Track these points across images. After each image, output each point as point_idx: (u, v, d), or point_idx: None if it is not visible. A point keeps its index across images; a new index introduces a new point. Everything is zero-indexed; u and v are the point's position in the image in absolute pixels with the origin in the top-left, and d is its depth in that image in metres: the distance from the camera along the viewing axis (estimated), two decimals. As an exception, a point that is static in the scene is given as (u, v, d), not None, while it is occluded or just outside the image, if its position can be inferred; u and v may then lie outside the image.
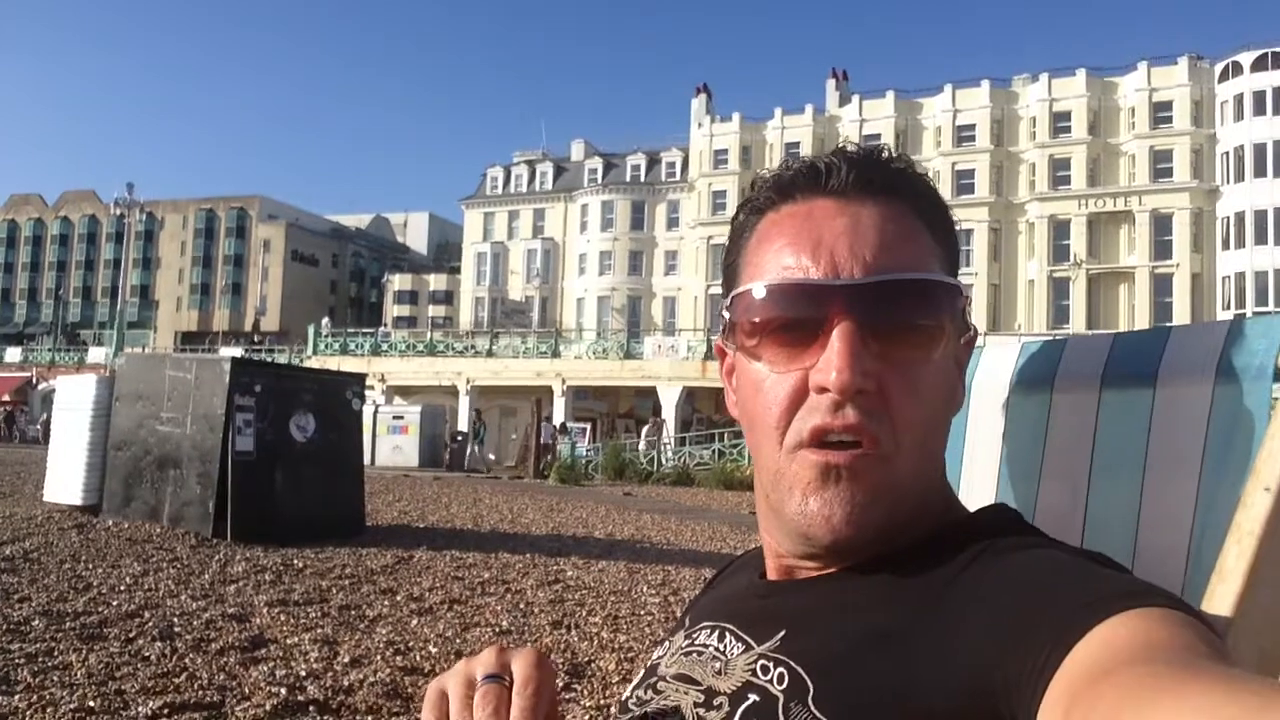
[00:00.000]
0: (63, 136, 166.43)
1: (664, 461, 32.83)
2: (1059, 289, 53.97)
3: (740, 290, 0.79)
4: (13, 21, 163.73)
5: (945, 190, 56.66)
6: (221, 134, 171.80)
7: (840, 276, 0.74)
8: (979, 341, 0.85)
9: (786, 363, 0.75)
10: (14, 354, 63.65)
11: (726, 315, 0.81)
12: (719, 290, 0.89)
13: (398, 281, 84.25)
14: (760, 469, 0.79)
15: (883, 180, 0.79)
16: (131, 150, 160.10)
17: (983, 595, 0.65)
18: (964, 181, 56.59)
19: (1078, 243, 53.41)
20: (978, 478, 1.10)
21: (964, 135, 57.47)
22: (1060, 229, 54.11)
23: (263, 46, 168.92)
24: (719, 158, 64.13)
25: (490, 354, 44.20)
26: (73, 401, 13.81)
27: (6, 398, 52.95)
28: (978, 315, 54.66)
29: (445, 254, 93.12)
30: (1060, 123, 54.99)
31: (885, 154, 0.82)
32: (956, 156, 56.85)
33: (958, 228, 0.81)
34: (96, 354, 56.26)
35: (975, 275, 55.03)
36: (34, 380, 53.70)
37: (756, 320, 0.77)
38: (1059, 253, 53.94)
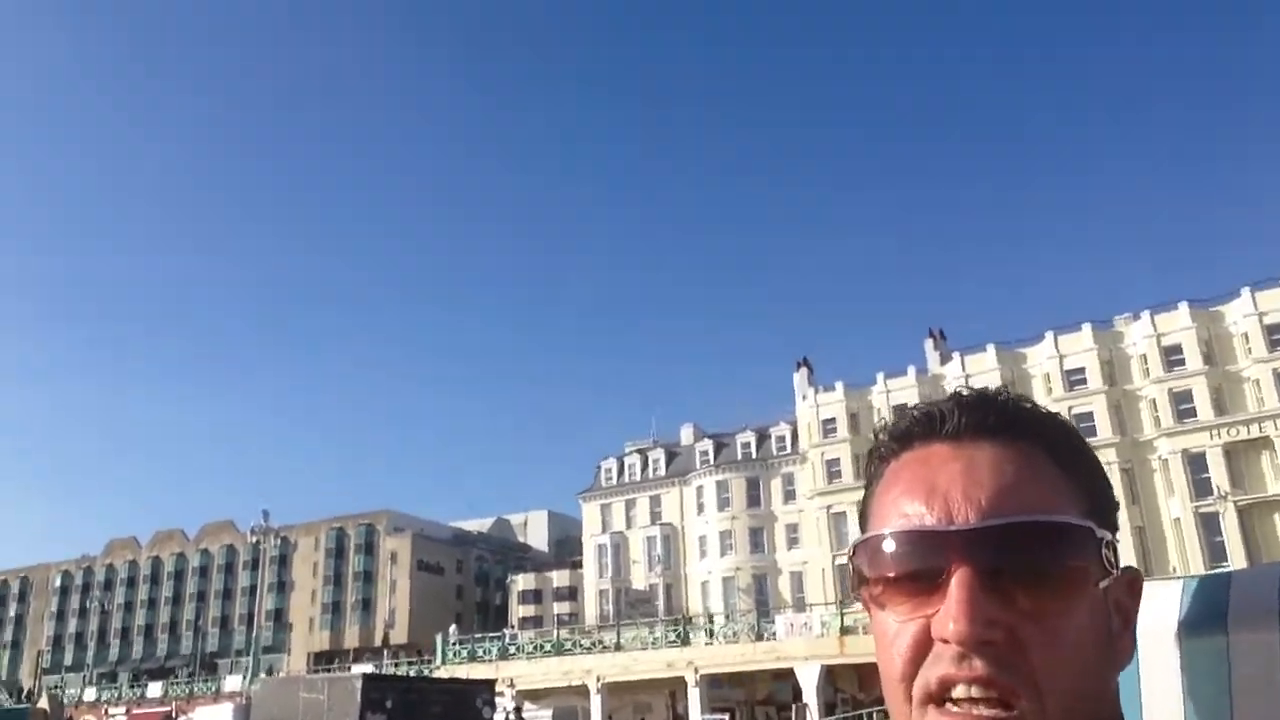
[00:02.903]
0: (202, 470, 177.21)
1: (811, 750, 30.74)
2: (1209, 525, 50.81)
3: (861, 539, 0.78)
4: (154, 365, 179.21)
5: (1065, 435, 55.16)
6: (347, 454, 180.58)
7: (955, 522, 0.71)
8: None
9: (910, 611, 0.72)
10: (155, 689, 64.65)
11: (852, 565, 0.80)
12: (846, 560, 0.91)
13: (521, 581, 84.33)
14: None
15: (999, 421, 0.77)
16: (266, 475, 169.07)
17: None
18: (1083, 425, 54.87)
19: (1217, 474, 50.78)
20: (1162, 740, 0.95)
21: (1074, 379, 56.72)
22: (1196, 462, 51.72)
23: (372, 379, 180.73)
24: (827, 427, 64.31)
25: (618, 647, 43.11)
26: (209, 733, 13.82)
27: (147, 734, 53.31)
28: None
29: (566, 549, 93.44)
30: (1172, 356, 53.94)
31: (1004, 395, 0.80)
32: (1070, 400, 55.77)
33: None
34: (232, 682, 56.74)
35: (1114, 519, 52.44)
36: (174, 714, 54.05)
37: (877, 569, 0.75)
38: (1200, 487, 51.26)
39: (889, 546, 0.74)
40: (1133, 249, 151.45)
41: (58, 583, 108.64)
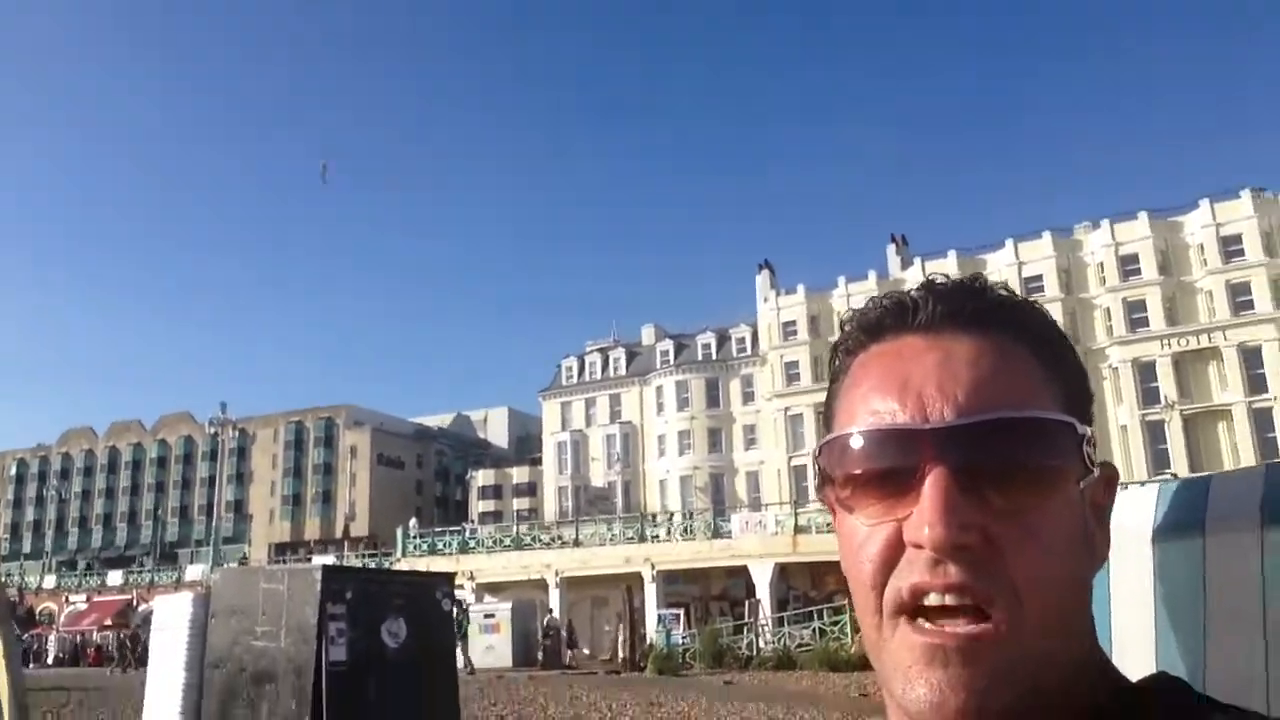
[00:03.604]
0: (160, 362, 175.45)
1: (763, 645, 31.70)
2: (1154, 433, 52.24)
3: (828, 438, 0.72)
4: (112, 267, 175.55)
5: (1021, 342, 56.08)
6: (307, 348, 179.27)
7: (930, 419, 0.66)
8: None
9: (881, 514, 0.67)
10: (115, 577, 65.05)
11: (817, 466, 0.74)
12: (802, 461, 0.84)
13: (481, 477, 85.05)
14: (865, 638, 0.70)
15: (976, 311, 0.72)
16: (223, 369, 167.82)
17: None
18: (1039, 332, 55.94)
19: (1166, 384, 52.02)
20: (1131, 641, 0.94)
21: (1032, 287, 57.12)
22: (1145, 371, 52.90)
23: (337, 272, 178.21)
24: (788, 329, 64.74)
25: (577, 543, 43.87)
26: (169, 621, 13.84)
27: (109, 621, 53.74)
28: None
29: (526, 446, 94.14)
30: (1129, 265, 54.65)
31: (981, 284, 0.75)
32: (1028, 308, 56.44)
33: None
34: (194, 571, 57.19)
35: (1064, 425, 53.75)
36: (134, 602, 54.50)
37: (845, 470, 0.70)
38: (1148, 395, 52.54)
39: (858, 446, 0.69)
40: (1097, 159, 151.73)
41: (13, 471, 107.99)
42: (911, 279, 60.78)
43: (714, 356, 69.11)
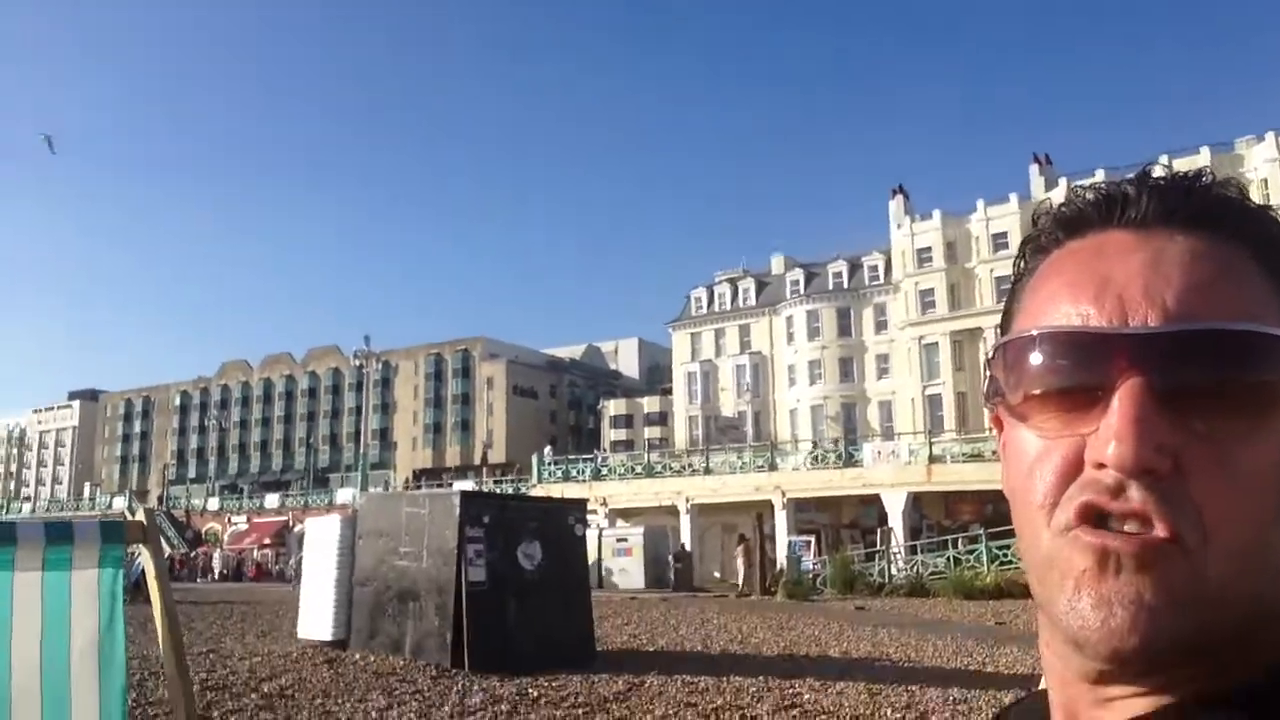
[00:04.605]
0: (308, 297, 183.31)
1: (895, 572, 31.49)
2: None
3: (1005, 339, 0.62)
4: (261, 210, 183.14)
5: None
6: (445, 281, 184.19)
7: (1130, 323, 0.57)
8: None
9: (1060, 428, 0.58)
10: (273, 500, 69.03)
11: (989, 371, 0.64)
12: (936, 391, 0.72)
13: (613, 407, 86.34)
14: (1027, 559, 0.61)
15: (1199, 209, 0.61)
16: (368, 303, 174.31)
17: None
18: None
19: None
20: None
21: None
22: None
23: (470, 206, 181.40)
24: (923, 256, 62.88)
25: (708, 471, 44.20)
26: (320, 541, 14.63)
27: (267, 540, 57.26)
28: None
29: (656, 376, 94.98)
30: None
31: (1205, 180, 0.63)
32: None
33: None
34: (344, 495, 60.14)
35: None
36: (290, 523, 57.82)
37: (1023, 375, 0.60)
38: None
39: (1041, 348, 0.59)
40: (1247, 68, 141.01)
41: (177, 401, 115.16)
42: (1057, 200, 57.97)
43: (845, 285, 67.81)
